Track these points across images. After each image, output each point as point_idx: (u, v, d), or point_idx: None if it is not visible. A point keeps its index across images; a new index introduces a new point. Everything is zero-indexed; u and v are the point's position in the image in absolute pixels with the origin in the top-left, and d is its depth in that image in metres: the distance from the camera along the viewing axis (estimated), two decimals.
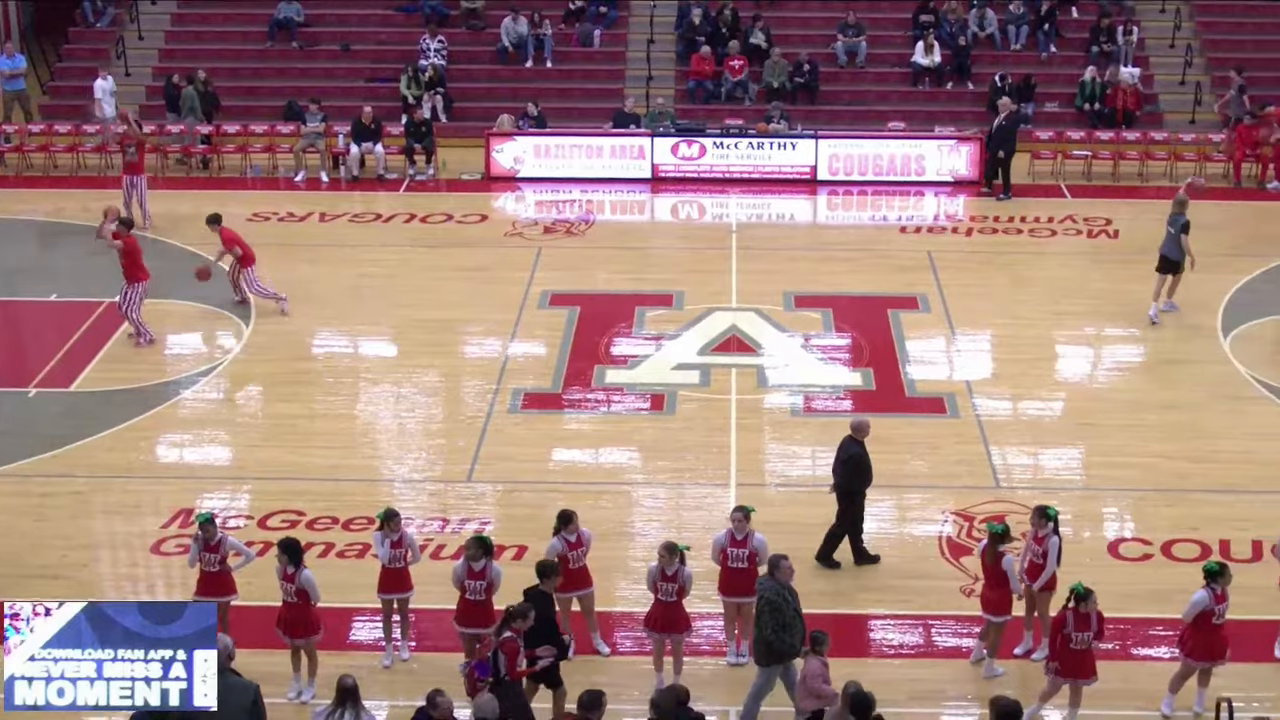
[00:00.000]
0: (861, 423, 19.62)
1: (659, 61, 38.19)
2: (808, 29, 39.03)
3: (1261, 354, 25.60)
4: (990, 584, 17.27)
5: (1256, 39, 38.87)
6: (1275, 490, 20.80)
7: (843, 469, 19.29)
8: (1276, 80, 37.29)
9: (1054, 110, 36.84)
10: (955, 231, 31.48)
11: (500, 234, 31.28)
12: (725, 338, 26.19)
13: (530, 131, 34.79)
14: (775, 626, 16.07)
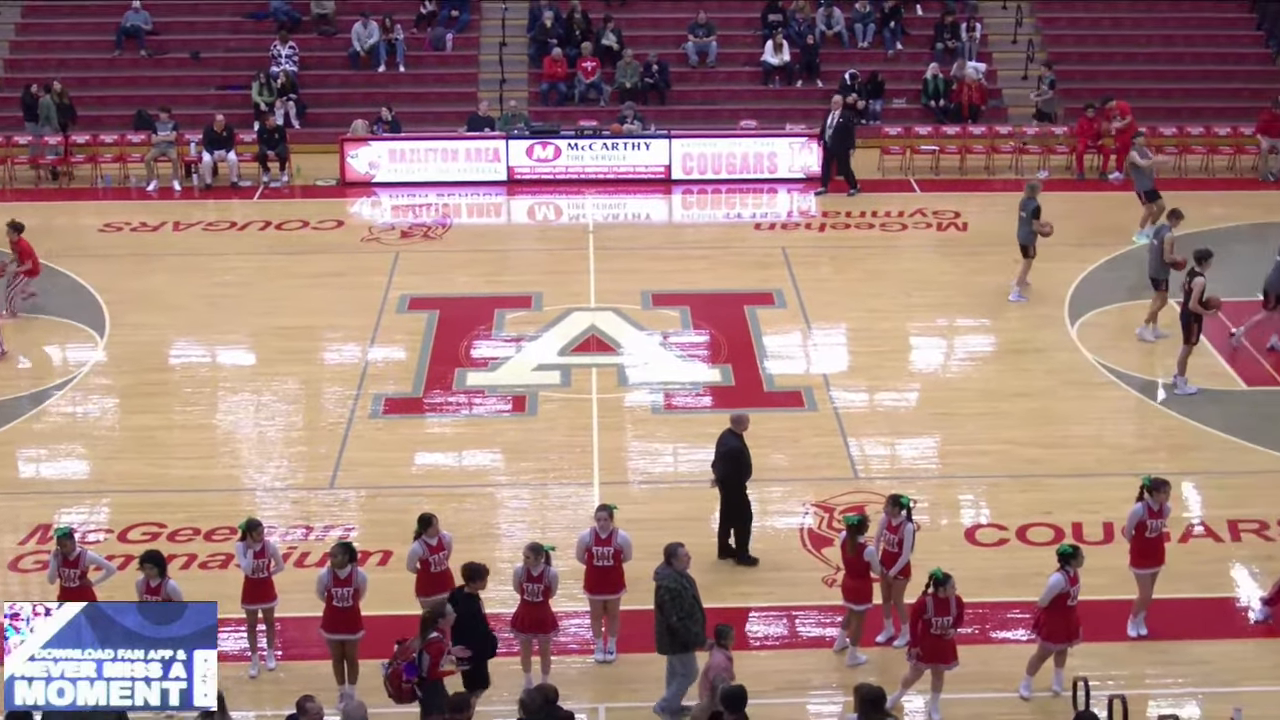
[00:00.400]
0: (741, 416, 19.77)
1: (512, 64, 38.12)
2: (659, 29, 39.16)
3: (1107, 340, 26.10)
4: (851, 574, 17.45)
5: (1096, 34, 39.63)
6: (1124, 473, 21.20)
7: (723, 462, 19.40)
8: (1115, 74, 38.07)
9: (901, 106, 37.30)
10: (808, 227, 31.75)
11: (357, 239, 31.04)
12: (585, 338, 26.21)
13: (385, 136, 34.56)
14: (679, 614, 16.13)
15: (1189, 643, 17.99)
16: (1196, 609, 18.69)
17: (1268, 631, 18.25)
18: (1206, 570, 19.45)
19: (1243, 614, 18.65)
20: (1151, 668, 17.56)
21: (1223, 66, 38.86)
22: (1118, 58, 38.92)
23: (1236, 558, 19.81)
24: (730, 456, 19.36)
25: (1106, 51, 39.16)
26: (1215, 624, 18.42)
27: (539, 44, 38.00)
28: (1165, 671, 17.52)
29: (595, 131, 34.56)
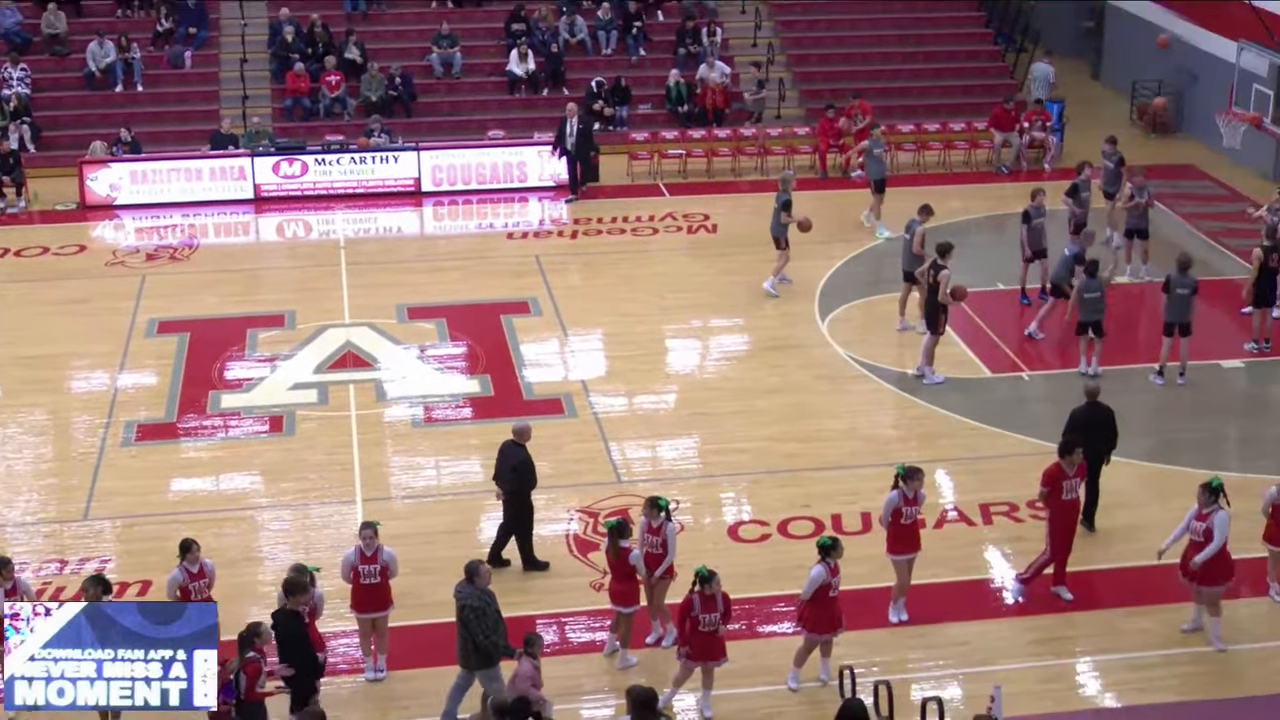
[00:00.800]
0: (523, 427, 19.75)
1: (253, 80, 37.49)
2: (402, 41, 38.89)
3: (856, 334, 26.67)
4: (616, 577, 17.55)
5: (833, 35, 40.45)
6: (878, 463, 21.67)
7: (513, 474, 19.35)
8: (853, 74, 38.88)
9: (648, 112, 37.60)
10: (561, 235, 31.84)
11: (101, 264, 30.23)
12: (340, 354, 25.92)
13: (125, 158, 33.72)
14: (485, 630, 16.03)
15: (948, 625, 18.48)
16: (954, 592, 19.21)
17: (1021, 610, 18.84)
18: (961, 554, 20.01)
19: (998, 594, 19.21)
20: (913, 651, 17.99)
21: (955, 64, 39.96)
22: (855, 58, 39.78)
23: (989, 540, 20.41)
24: (519, 468, 19.34)
25: (845, 52, 40.00)
26: (972, 606, 18.96)
27: (280, 59, 37.46)
28: (926, 655, 17.97)
29: (342, 146, 34.19)
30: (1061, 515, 18.68)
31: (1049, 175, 34.71)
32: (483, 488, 21.68)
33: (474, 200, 33.95)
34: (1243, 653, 18.00)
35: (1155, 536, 20.11)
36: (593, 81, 37.13)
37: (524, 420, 20.56)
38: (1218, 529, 17.55)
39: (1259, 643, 18.20)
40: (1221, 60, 35.37)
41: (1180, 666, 17.78)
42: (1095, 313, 24.48)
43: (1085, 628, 18.52)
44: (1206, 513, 17.63)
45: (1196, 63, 37.54)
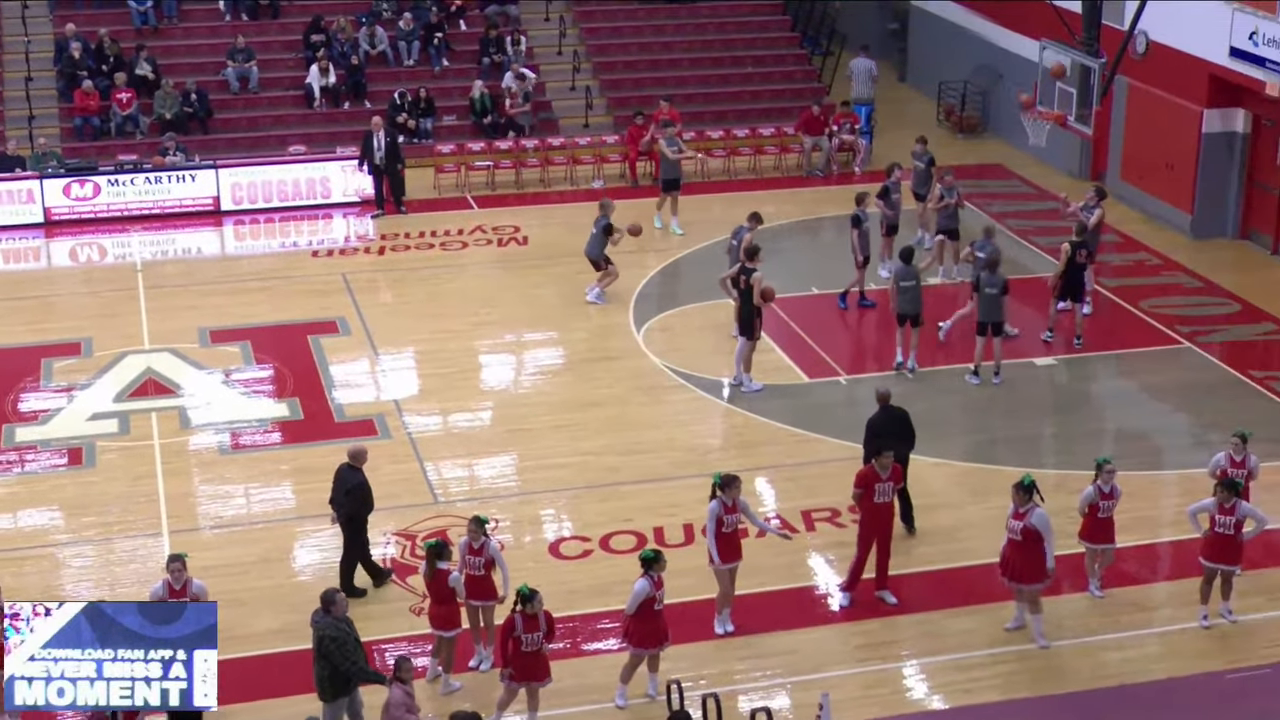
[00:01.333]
0: (360, 449, 19.60)
1: (39, 99, 36.65)
2: (196, 56, 38.33)
3: (671, 344, 26.85)
4: (436, 600, 17.44)
5: (639, 41, 40.71)
6: (697, 474, 21.83)
7: (349, 499, 19.15)
8: (660, 81, 39.17)
9: (453, 123, 37.49)
10: (368, 251, 31.61)
11: None
12: (141, 381, 25.47)
13: None
14: (347, 658, 15.85)
15: (774, 634, 18.67)
16: (779, 600, 19.41)
17: (847, 616, 19.10)
18: (785, 562, 20.21)
19: (824, 601, 19.46)
20: (740, 663, 18.15)
21: (763, 69, 40.44)
22: (662, 64, 40.09)
23: (813, 547, 20.65)
24: (354, 492, 19.17)
25: (651, 59, 40.29)
26: (797, 614, 19.17)
27: (68, 76, 36.67)
28: (754, 665, 18.13)
29: (136, 165, 33.60)
30: (873, 518, 18.98)
31: (859, 178, 35.31)
32: (294, 514, 21.49)
33: (276, 218, 33.57)
34: (1065, 649, 18.44)
35: (976, 536, 20.64)
36: (395, 93, 36.93)
37: (360, 442, 20.44)
38: (1041, 525, 17.93)
39: (1080, 638, 18.66)
40: (1025, 59, 36.23)
41: (1004, 665, 18.16)
42: (912, 305, 24.96)
43: (910, 630, 18.84)
44: (1023, 511, 18.02)
45: (1000, 62, 38.44)
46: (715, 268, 29.24)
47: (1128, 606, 19.33)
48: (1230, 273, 30.17)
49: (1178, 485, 22.30)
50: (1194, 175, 31.77)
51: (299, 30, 38.67)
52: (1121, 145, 33.91)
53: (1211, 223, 31.86)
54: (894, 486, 18.98)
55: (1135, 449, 23.33)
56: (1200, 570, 18.81)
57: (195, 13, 39.43)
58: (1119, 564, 20.03)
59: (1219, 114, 31.38)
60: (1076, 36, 32.20)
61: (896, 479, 19.10)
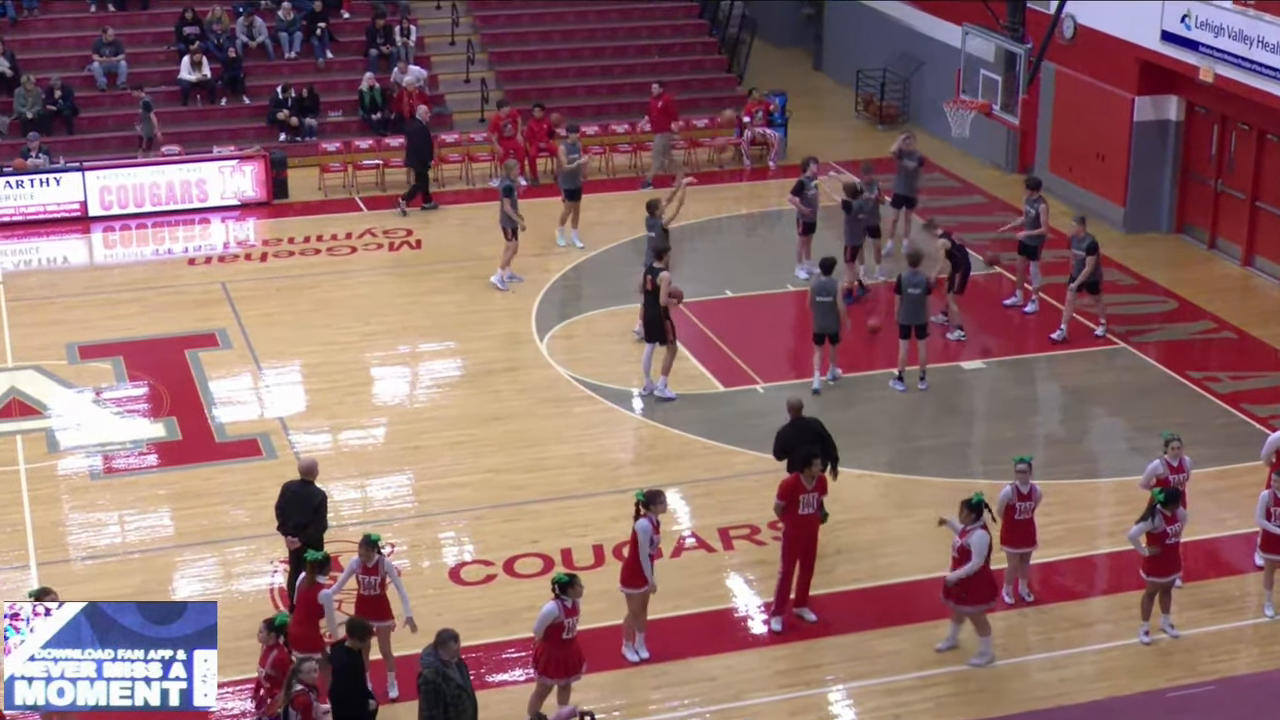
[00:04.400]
0: (314, 463, 19.47)
1: None
2: (59, 50, 37.97)
3: (577, 353, 26.87)
4: (301, 620, 17.28)
5: (537, 30, 40.70)
6: (608, 490, 21.87)
7: (314, 516, 18.91)
8: (561, 72, 39.23)
9: (339, 120, 37.36)
10: (249, 258, 31.43)
11: None
12: (4, 402, 25.21)
13: None
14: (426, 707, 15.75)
15: (691, 660, 18.70)
16: (695, 624, 19.46)
17: (770, 639, 19.17)
18: (702, 583, 20.27)
19: (742, 624, 19.51)
20: (656, 691, 18.17)
21: (672, 59, 40.52)
22: (562, 54, 40.12)
23: (731, 566, 20.72)
24: (322, 508, 19.00)
25: (551, 49, 40.30)
26: (715, 638, 19.21)
27: None
28: (670, 694, 18.16)
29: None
30: (797, 531, 19.08)
31: (774, 173, 35.49)
32: (173, 543, 21.33)
33: (149, 224, 33.30)
34: (1000, 668, 18.60)
35: (901, 551, 20.80)
36: (276, 88, 36.75)
37: (311, 457, 20.43)
38: (975, 549, 18.06)
39: (1015, 657, 18.83)
40: (946, 45, 36.57)
41: (936, 687, 18.29)
42: (829, 322, 24.90)
43: (835, 653, 18.94)
44: (966, 529, 18.15)
45: (922, 49, 38.77)
46: (620, 271, 29.39)
47: (1064, 622, 19.53)
48: (1165, 268, 30.58)
49: (1115, 493, 22.56)
50: (1126, 166, 32.17)
51: (171, 21, 38.38)
52: (1050, 135, 34.27)
53: (1145, 216, 32.27)
54: (819, 498, 19.06)
55: (1069, 455, 23.60)
56: (1141, 584, 19.02)
57: (58, 4, 39.04)
58: (1055, 577, 20.25)
59: (1151, 101, 31.80)
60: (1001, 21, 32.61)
61: (822, 489, 19.16)
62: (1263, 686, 18.42)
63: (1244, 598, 20.04)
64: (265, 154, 34.24)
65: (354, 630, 16.26)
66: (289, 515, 19.05)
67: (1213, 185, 31.38)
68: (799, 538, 19.12)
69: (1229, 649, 19.11)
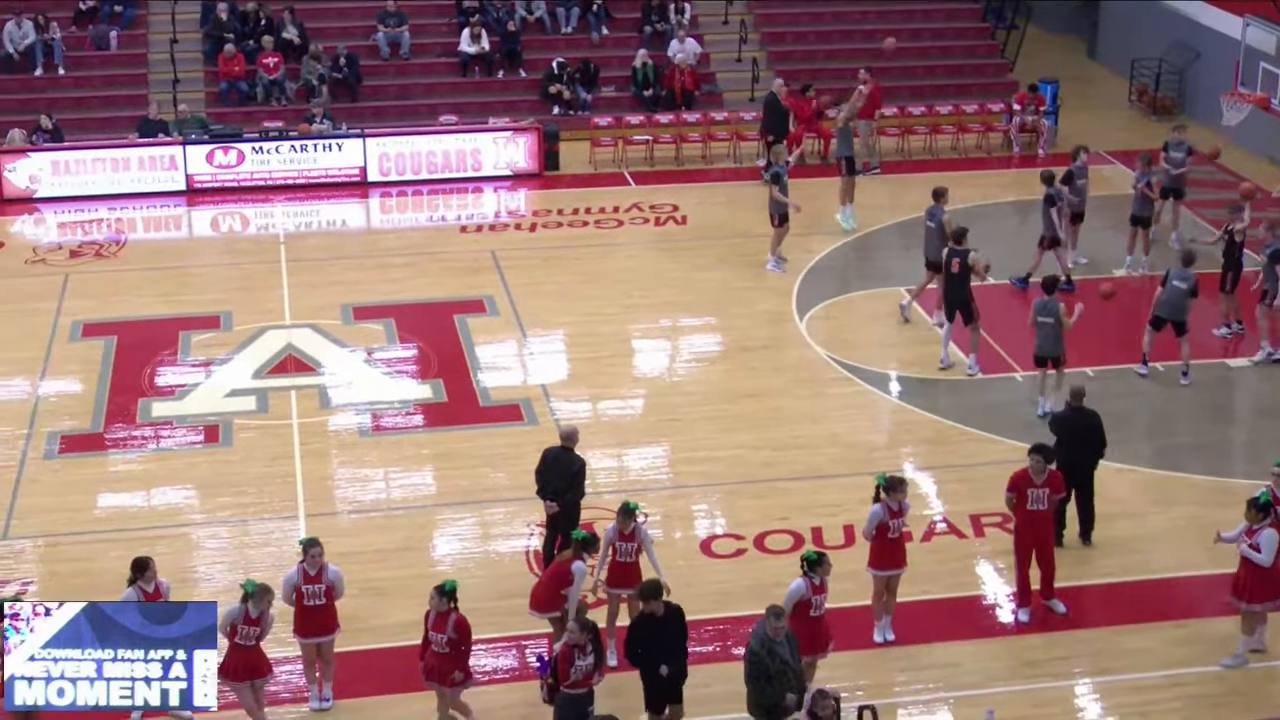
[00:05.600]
0: (574, 430, 19.78)
1: (185, 63, 37.40)
2: (345, 20, 38.85)
3: (836, 334, 26.75)
4: (544, 582, 17.62)
5: (811, 11, 40.54)
6: (861, 472, 21.74)
7: (577, 483, 19.30)
8: (832, 54, 39.03)
9: (612, 95, 37.63)
10: (518, 228, 31.85)
11: (21, 262, 30.11)
12: (281, 358, 25.89)
13: (46, 146, 33.60)
14: (752, 678, 15.97)
15: (936, 645, 18.55)
16: (942, 610, 19.29)
17: (1014, 630, 18.92)
18: (950, 569, 20.09)
19: (989, 612, 19.30)
20: (900, 674, 18.06)
21: (942, 43, 40.10)
22: (834, 36, 39.90)
23: (980, 554, 20.49)
24: (581, 473, 19.34)
25: (823, 30, 40.10)
26: (962, 625, 19.03)
27: (214, 40, 37.38)
28: (914, 677, 18.03)
29: (281, 133, 34.11)
30: (1025, 527, 18.85)
31: (1043, 161, 34.89)
32: (435, 501, 21.75)
33: (424, 191, 33.94)
34: (1253, 671, 18.08)
35: (1155, 549, 20.37)
36: (553, 62, 37.15)
37: (573, 424, 20.75)
38: (1265, 545, 17.62)
39: (1274, 660, 18.31)
40: (1226, 36, 35.58)
41: (1183, 687, 17.86)
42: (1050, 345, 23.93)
43: (1081, 647, 18.60)
44: (1254, 528, 17.75)
45: (1199, 39, 37.77)
46: (884, 253, 29.24)
47: None
48: None
49: None
50: None
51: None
52: None
53: None
54: (1051, 494, 18.72)
55: None
56: None
57: None
58: None
59: None
60: None
61: (1055, 487, 18.80)
62: None
63: None
64: (538, 127, 34.69)
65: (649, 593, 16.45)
66: (548, 480, 19.31)
67: None
68: (1026, 532, 18.88)
69: None
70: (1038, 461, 18.57)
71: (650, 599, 16.35)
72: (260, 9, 37.65)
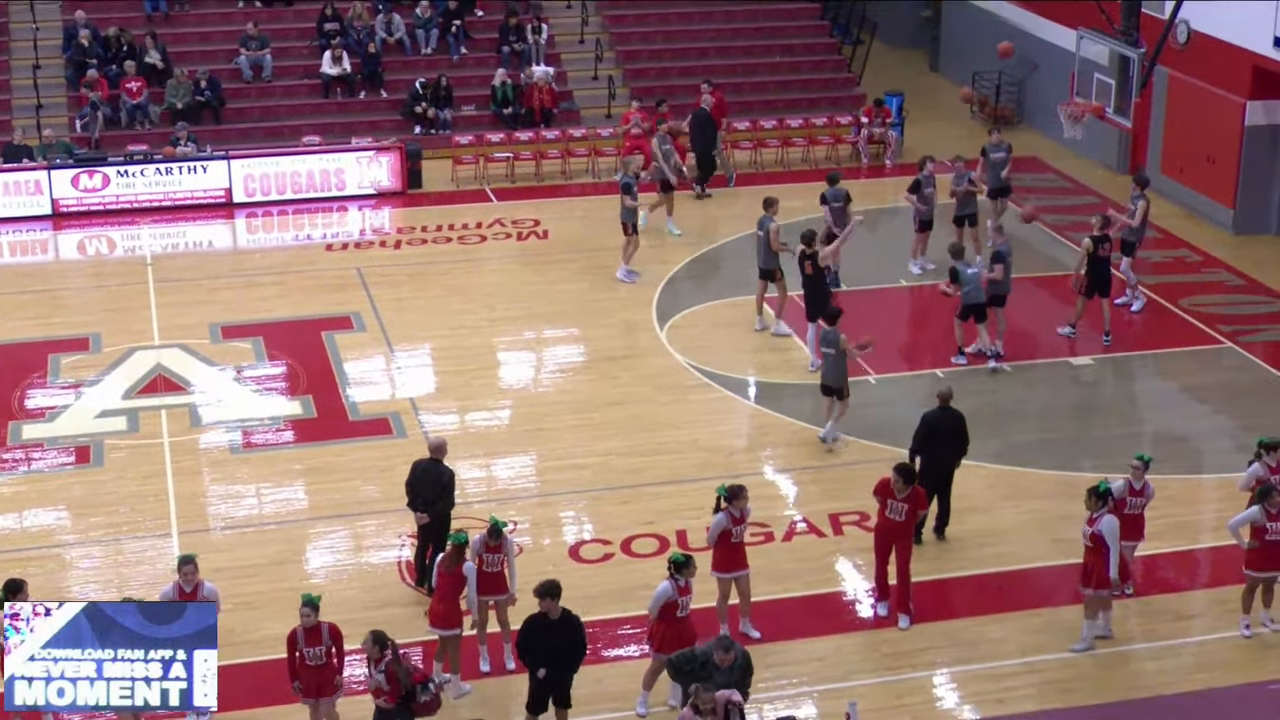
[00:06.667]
0: (443, 442, 19.63)
1: (48, 88, 36.82)
2: (208, 44, 38.46)
3: (695, 342, 26.86)
4: (441, 596, 17.45)
5: (664, 30, 40.70)
6: (723, 476, 21.78)
7: (446, 494, 19.20)
8: (686, 70, 39.20)
9: (471, 114, 37.56)
10: (383, 245, 31.69)
11: None
12: (151, 378, 25.57)
13: None
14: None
15: (800, 641, 18.68)
16: (804, 606, 19.43)
17: (875, 623, 19.10)
18: (811, 567, 20.23)
19: (850, 607, 19.47)
20: (766, 670, 18.12)
21: (792, 58, 40.39)
22: (689, 53, 40.06)
23: (840, 551, 20.66)
24: (450, 485, 19.26)
25: (677, 48, 40.25)
26: (824, 620, 19.18)
27: (77, 64, 36.82)
28: (779, 673, 18.14)
29: (146, 156, 33.71)
30: (882, 533, 19.05)
31: (890, 171, 35.29)
32: (307, 515, 21.57)
33: (290, 211, 33.66)
34: (1100, 657, 18.41)
35: (1008, 542, 20.68)
36: (415, 83, 37.02)
37: (439, 436, 20.57)
38: (1108, 534, 17.88)
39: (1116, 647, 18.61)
40: (1061, 49, 36.15)
41: (1038, 674, 18.14)
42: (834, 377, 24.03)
43: (940, 638, 18.80)
44: (1094, 516, 17.99)
45: (1037, 51, 38.37)
46: (739, 262, 29.44)
47: (1165, 615, 19.31)
48: (1274, 270, 30.06)
49: (1218, 489, 22.24)
50: (1236, 169, 31.68)
51: (313, 17, 38.76)
52: (1161, 138, 33.82)
53: (1254, 218, 31.77)
54: (909, 509, 18.80)
55: (1175, 451, 23.27)
56: (1242, 579, 18.78)
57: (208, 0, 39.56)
58: (1157, 570, 20.04)
59: (1262, 106, 31.29)
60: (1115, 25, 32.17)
61: (915, 503, 18.87)
62: None
63: None
64: (401, 146, 34.54)
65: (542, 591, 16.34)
66: (418, 492, 19.24)
67: None
68: (882, 536, 19.05)
69: None
70: (898, 479, 18.72)
71: (542, 598, 16.33)
72: (122, 34, 37.14)
